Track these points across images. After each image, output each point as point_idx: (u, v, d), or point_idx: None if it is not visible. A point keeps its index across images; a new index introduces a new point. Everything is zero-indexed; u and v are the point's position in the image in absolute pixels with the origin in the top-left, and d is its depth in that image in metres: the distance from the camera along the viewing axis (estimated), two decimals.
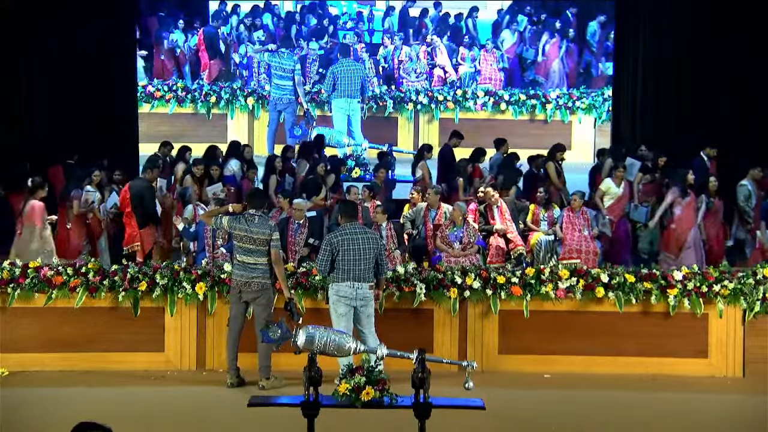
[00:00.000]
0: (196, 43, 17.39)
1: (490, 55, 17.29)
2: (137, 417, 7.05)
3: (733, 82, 13.13)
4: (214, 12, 18.18)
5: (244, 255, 7.65)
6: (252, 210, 7.77)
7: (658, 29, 13.95)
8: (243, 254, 7.66)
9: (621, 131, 14.46)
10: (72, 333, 8.25)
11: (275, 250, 7.68)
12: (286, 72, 15.09)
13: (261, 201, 8.08)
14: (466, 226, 10.24)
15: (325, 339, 4.95)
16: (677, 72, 13.76)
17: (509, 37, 17.69)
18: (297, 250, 10.07)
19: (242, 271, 7.66)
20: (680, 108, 13.79)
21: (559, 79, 17.32)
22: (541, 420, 7.15)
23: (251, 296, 7.68)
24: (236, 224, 7.70)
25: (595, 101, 16.68)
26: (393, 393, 4.95)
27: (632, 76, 14.22)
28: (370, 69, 16.80)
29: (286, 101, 15.14)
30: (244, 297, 7.70)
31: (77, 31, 13.18)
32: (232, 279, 7.78)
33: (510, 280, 8.29)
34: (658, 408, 7.53)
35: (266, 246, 7.64)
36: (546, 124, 16.60)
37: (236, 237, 7.71)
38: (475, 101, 16.60)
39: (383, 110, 16.52)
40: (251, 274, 7.63)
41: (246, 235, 7.63)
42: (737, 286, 8.25)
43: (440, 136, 16.49)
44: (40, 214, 9.55)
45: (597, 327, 8.36)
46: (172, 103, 16.44)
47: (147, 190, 10.13)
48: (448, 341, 8.35)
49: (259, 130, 16.42)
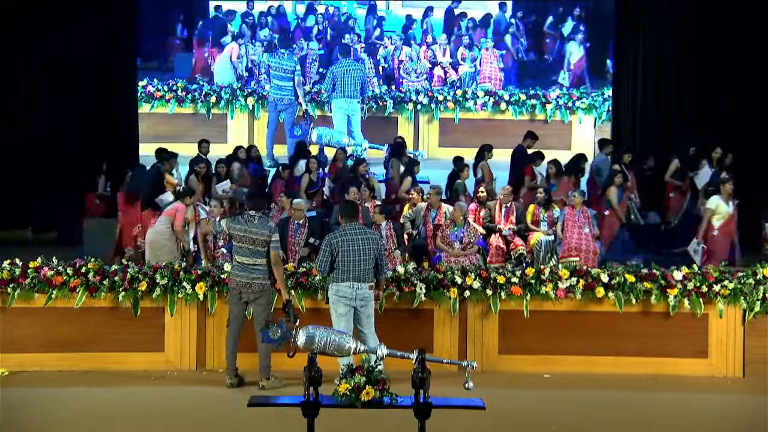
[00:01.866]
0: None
1: (491, 54, 17.29)
2: (137, 417, 7.06)
3: (733, 82, 13.13)
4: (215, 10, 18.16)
5: (244, 256, 7.64)
6: (252, 211, 7.77)
7: (658, 29, 13.94)
8: (242, 255, 7.65)
9: (621, 131, 14.46)
10: (72, 333, 8.25)
11: (275, 252, 7.67)
12: (287, 73, 15.08)
13: (260, 201, 8.05)
14: (466, 226, 10.25)
15: (325, 339, 4.95)
16: (677, 72, 13.75)
17: (576, 51, 17.64)
18: (297, 250, 10.07)
19: (242, 272, 7.65)
20: (680, 108, 13.79)
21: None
22: (541, 420, 7.15)
23: (251, 297, 7.68)
24: (235, 225, 7.68)
25: (595, 101, 16.68)
26: (393, 393, 4.95)
27: (632, 76, 14.22)
28: (370, 69, 16.80)
29: (287, 102, 15.14)
30: (244, 297, 7.69)
31: (77, 31, 13.17)
32: (231, 279, 7.76)
33: (510, 280, 8.29)
34: (658, 408, 7.53)
35: (266, 247, 7.62)
36: (546, 124, 16.59)
37: (236, 238, 7.69)
38: (475, 101, 16.60)
39: (383, 110, 16.52)
40: (251, 275, 7.62)
41: (245, 236, 7.62)
42: (737, 286, 8.25)
43: (440, 136, 16.52)
44: (182, 217, 9.87)
45: (597, 327, 8.37)
46: (172, 103, 16.44)
47: (155, 176, 11.03)
48: (448, 341, 8.35)
49: (259, 130, 16.42)
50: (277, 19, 18.08)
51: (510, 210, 10.83)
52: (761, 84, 12.93)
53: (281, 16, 18.17)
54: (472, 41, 17.74)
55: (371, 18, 18.30)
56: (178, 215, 9.83)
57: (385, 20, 18.48)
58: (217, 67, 17.19)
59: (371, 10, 18.43)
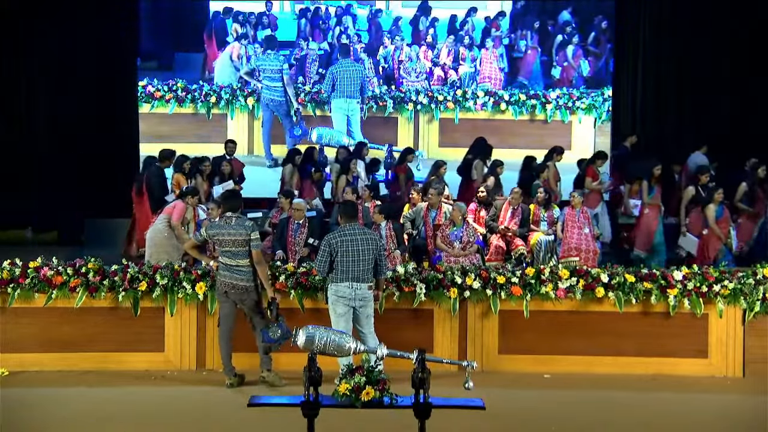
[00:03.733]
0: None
1: (491, 54, 17.27)
2: (137, 417, 7.06)
3: (733, 82, 13.13)
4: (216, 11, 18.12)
5: (227, 258, 7.62)
6: (228, 212, 7.71)
7: (658, 29, 13.94)
8: (226, 257, 7.63)
9: (621, 131, 14.46)
10: (72, 333, 8.25)
11: (256, 251, 7.60)
12: (274, 73, 15.18)
13: (236, 203, 7.87)
14: (466, 225, 10.25)
15: (325, 339, 4.94)
16: (677, 72, 13.76)
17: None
18: (297, 250, 10.07)
19: (226, 272, 7.62)
20: (680, 108, 13.79)
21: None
22: (541, 420, 7.14)
23: (237, 297, 7.66)
24: (215, 230, 7.66)
25: (595, 101, 16.63)
26: (393, 393, 4.94)
27: (632, 76, 14.22)
28: (369, 69, 16.78)
29: (277, 102, 15.21)
30: (231, 297, 7.68)
31: (77, 31, 13.19)
32: (217, 280, 7.72)
33: (510, 280, 8.29)
34: (658, 408, 7.52)
35: (246, 247, 7.56)
36: (546, 124, 16.57)
37: (218, 242, 7.66)
38: (475, 101, 16.58)
39: (383, 110, 16.49)
40: (234, 275, 7.60)
41: (225, 239, 7.59)
42: (737, 286, 8.25)
43: (440, 136, 16.50)
44: (180, 213, 9.99)
45: (597, 327, 8.36)
46: (172, 103, 16.40)
47: (158, 176, 11.22)
48: (448, 341, 8.35)
49: (258, 130, 16.41)
50: (266, 18, 18.03)
51: (516, 212, 10.81)
52: (761, 84, 12.94)
53: (270, 16, 18.11)
54: (472, 41, 17.72)
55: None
56: (174, 211, 9.91)
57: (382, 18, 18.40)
58: (217, 66, 17.17)
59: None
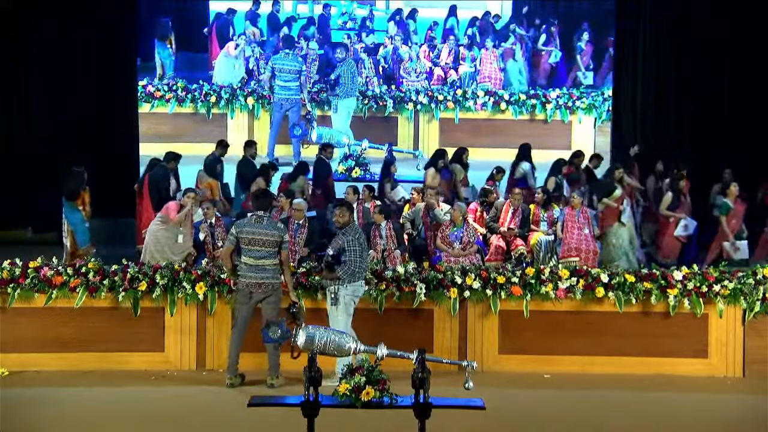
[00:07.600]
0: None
1: (490, 54, 17.27)
2: (137, 417, 7.06)
3: (733, 82, 13.14)
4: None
5: (253, 258, 7.62)
6: (260, 212, 7.75)
7: (658, 29, 13.94)
8: (251, 257, 7.62)
9: (621, 131, 14.46)
10: (72, 333, 8.25)
11: (285, 252, 7.67)
12: (293, 73, 15.20)
13: (266, 202, 8.03)
14: (466, 226, 10.25)
15: (325, 339, 4.94)
16: (677, 72, 13.75)
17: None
18: (297, 251, 10.07)
19: (251, 272, 7.62)
20: (680, 108, 13.79)
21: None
22: (541, 420, 7.15)
23: (262, 295, 7.66)
24: (244, 228, 7.66)
25: (595, 101, 16.64)
26: (393, 393, 4.95)
27: (632, 76, 14.21)
28: (370, 69, 16.79)
29: (293, 101, 15.23)
30: (255, 297, 7.67)
31: (77, 31, 13.18)
32: (240, 280, 7.71)
33: (510, 280, 8.29)
34: (658, 408, 7.52)
35: (276, 248, 7.61)
36: (546, 124, 16.58)
37: (243, 240, 7.65)
38: (475, 101, 16.59)
39: (383, 110, 16.51)
40: (261, 274, 7.61)
41: (255, 238, 7.60)
42: (737, 286, 8.26)
43: (440, 136, 16.50)
44: (174, 210, 10.08)
45: (597, 327, 8.37)
46: (172, 103, 16.41)
47: (162, 177, 11.33)
48: (448, 341, 8.35)
49: (259, 130, 16.41)
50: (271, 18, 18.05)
51: (516, 213, 10.80)
52: (761, 84, 12.94)
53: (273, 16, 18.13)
54: (471, 41, 17.72)
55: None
56: (169, 211, 9.98)
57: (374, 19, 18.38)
58: (217, 66, 17.18)
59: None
